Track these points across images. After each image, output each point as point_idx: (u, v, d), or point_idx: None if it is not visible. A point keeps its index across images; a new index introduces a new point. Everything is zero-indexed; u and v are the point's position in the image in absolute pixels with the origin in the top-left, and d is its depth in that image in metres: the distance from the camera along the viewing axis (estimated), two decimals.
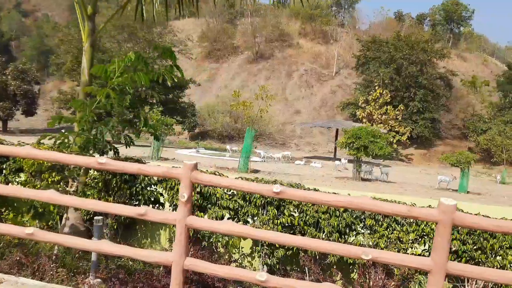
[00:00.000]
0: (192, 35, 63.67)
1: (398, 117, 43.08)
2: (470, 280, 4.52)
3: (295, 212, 5.22)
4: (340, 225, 5.09)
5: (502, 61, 68.46)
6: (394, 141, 42.98)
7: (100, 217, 3.99)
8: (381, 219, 4.96)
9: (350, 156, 22.98)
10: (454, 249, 4.67)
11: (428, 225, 4.74)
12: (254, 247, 5.45)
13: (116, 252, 3.68)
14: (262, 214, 5.27)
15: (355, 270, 5.08)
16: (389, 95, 43.11)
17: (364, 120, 43.68)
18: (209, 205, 5.33)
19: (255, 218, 5.25)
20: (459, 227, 4.54)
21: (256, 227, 4.90)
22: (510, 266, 4.47)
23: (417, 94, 44.00)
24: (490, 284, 4.40)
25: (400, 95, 44.46)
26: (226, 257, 5.34)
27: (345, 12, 67.60)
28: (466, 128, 46.86)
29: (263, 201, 5.22)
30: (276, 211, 5.22)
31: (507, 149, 38.59)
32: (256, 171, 19.82)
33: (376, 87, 43.77)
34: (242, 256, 5.52)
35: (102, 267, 4.26)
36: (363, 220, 5.18)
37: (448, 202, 3.15)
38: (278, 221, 5.18)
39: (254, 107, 23.49)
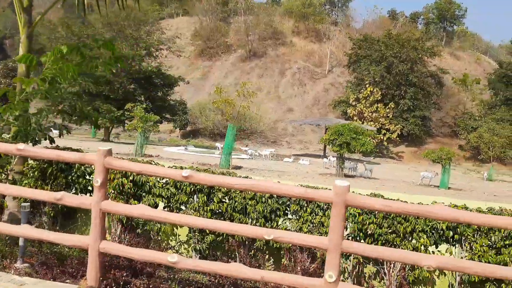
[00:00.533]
0: (185, 33, 63.81)
1: (388, 115, 43.27)
2: (388, 263, 4.67)
3: (225, 199, 5.37)
4: (266, 210, 5.23)
5: (495, 59, 68.68)
6: (385, 138, 43.21)
7: (27, 204, 4.12)
8: (306, 205, 5.11)
9: (335, 153, 23.16)
10: (370, 232, 4.82)
11: (347, 210, 4.87)
12: (189, 234, 5.61)
13: (36, 236, 3.82)
14: (193, 202, 5.42)
15: (283, 255, 5.22)
16: (380, 93, 43.30)
17: (355, 118, 43.87)
18: (143, 194, 5.49)
19: (187, 206, 5.40)
20: (376, 212, 4.70)
21: (187, 214, 5.06)
22: (422, 248, 4.62)
23: (407, 92, 44.18)
24: (407, 266, 4.56)
25: (390, 93, 44.64)
26: (164, 244, 5.50)
27: (339, 11, 67.72)
28: (457, 126, 47.11)
29: (193, 189, 5.37)
30: (206, 198, 5.37)
31: (493, 146, 38.80)
32: (238, 168, 19.96)
33: (367, 85, 43.95)
34: (179, 243, 5.68)
35: (34, 252, 4.40)
36: (289, 206, 5.33)
37: (341, 184, 3.30)
38: (208, 208, 5.33)
39: (237, 104, 23.48)
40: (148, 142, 38.57)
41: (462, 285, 4.55)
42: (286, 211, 5.33)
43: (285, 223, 5.24)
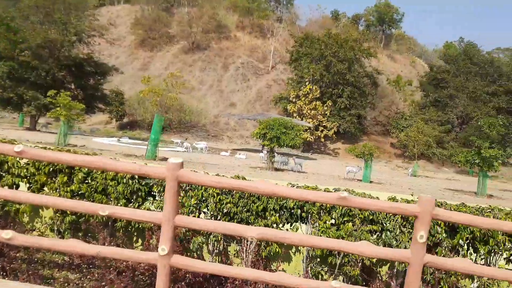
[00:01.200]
0: (126, 21, 61.97)
1: (326, 112, 44.44)
2: (245, 241, 4.81)
3: (87, 180, 5.28)
4: (126, 191, 5.20)
5: (428, 63, 72.54)
6: (322, 135, 44.38)
7: None
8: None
9: (276, 149, 23.49)
10: (226, 211, 4.94)
11: (207, 191, 4.98)
12: (52, 215, 5.47)
13: None
14: (53, 182, 5.28)
15: (146, 234, 5.22)
16: (319, 91, 44.36)
17: (294, 115, 44.70)
18: (2, 173, 5.28)
19: (46, 186, 5.26)
20: (234, 191, 4.81)
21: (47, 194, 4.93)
22: (274, 225, 4.78)
23: (344, 91, 45.60)
24: (261, 243, 4.72)
25: (329, 92, 45.88)
26: (29, 226, 5.32)
27: (283, 8, 68.53)
28: (389, 124, 49.31)
29: (52, 169, 5.24)
30: (66, 179, 5.25)
31: (418, 144, 40.91)
32: (165, 159, 19.67)
33: (307, 83, 44.87)
34: (45, 225, 5.51)
35: None
36: (151, 187, 5.33)
37: (174, 161, 3.36)
38: (69, 188, 5.21)
39: (172, 95, 23.17)
40: (79, 132, 37.28)
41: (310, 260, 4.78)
42: (151, 192, 5.32)
43: (145, 204, 5.23)
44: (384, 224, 4.69)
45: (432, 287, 4.66)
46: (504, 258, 4.90)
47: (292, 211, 4.81)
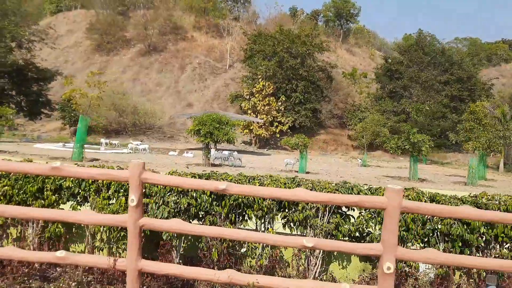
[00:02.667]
0: (82, 27, 61.14)
1: (281, 108, 44.88)
2: (25, 224, 4.95)
3: None
4: None
5: (388, 55, 74.11)
6: (277, 131, 44.81)
7: None
8: None
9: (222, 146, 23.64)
10: (3, 193, 5.03)
11: None
12: None
13: None
14: None
15: None
16: (272, 87, 44.75)
17: (249, 112, 45.01)
18: None
19: None
20: (11, 174, 4.94)
21: None
22: (53, 205, 4.87)
23: (298, 85, 46.15)
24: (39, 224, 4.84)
25: (283, 87, 46.36)
26: None
27: (241, 7, 68.86)
28: (346, 117, 50.12)
29: None
30: None
31: (366, 134, 41.55)
32: (94, 160, 19.64)
33: (260, 80, 45.21)
34: None
35: None
36: None
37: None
38: None
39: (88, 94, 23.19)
40: (26, 139, 36.69)
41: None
42: None
43: None
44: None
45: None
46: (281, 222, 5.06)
47: (67, 189, 4.97)
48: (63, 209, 4.91)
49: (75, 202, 5.08)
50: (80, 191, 4.96)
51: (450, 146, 48.15)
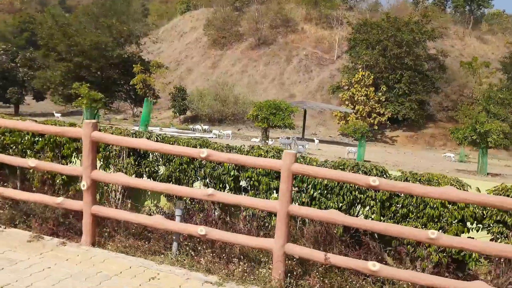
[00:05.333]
0: (203, 24, 66.22)
1: (381, 98, 42.81)
2: None
3: None
4: None
5: None
6: (375, 122, 42.86)
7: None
8: None
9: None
10: None
11: None
12: None
13: None
14: None
15: None
16: (372, 77, 42.92)
17: (346, 102, 43.94)
18: None
19: None
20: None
21: None
22: None
23: (403, 75, 43.38)
24: None
25: (385, 77, 44.06)
26: None
27: None
28: (459, 110, 45.40)
29: None
30: None
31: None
32: None
33: (360, 70, 43.73)
34: None
35: None
36: None
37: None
38: None
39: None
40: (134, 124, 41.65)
41: None
42: None
43: None
44: None
45: None
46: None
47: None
48: None
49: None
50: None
51: None
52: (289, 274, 4.45)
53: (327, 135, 45.68)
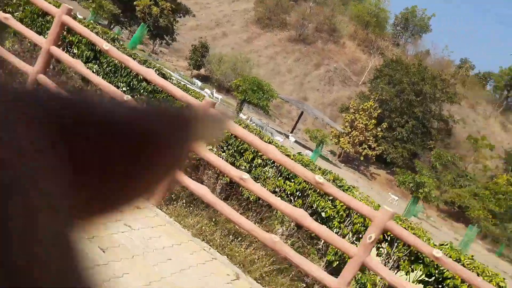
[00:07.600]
0: None
1: (378, 134, 43.37)
2: None
3: None
4: None
5: None
6: (363, 153, 43.46)
7: None
8: None
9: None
10: None
11: None
12: None
13: None
14: None
15: None
16: (379, 111, 43.49)
17: (346, 124, 44.64)
18: None
19: None
20: None
21: None
22: None
23: (408, 122, 43.89)
24: None
25: (391, 117, 44.60)
26: None
27: (408, 35, 66.70)
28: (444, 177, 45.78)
29: None
30: None
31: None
32: None
33: (371, 100, 44.30)
34: None
35: None
36: None
37: None
38: None
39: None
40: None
41: None
42: None
43: None
44: None
45: None
46: None
47: None
48: None
49: None
50: None
51: None
52: None
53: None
